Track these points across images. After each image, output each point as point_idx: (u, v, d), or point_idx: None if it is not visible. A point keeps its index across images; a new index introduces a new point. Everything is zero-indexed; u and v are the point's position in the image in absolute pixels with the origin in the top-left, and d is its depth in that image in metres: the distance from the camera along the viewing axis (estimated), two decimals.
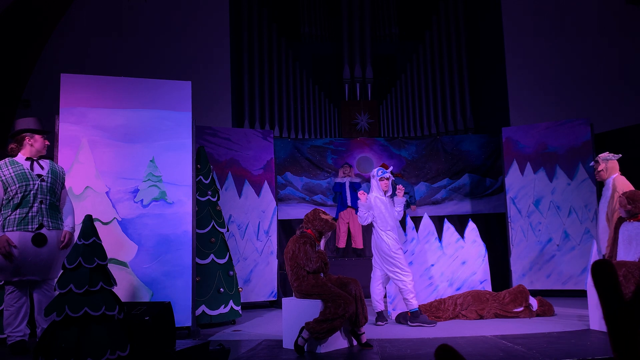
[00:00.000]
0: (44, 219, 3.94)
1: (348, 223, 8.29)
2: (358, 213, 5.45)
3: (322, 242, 4.41)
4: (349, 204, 8.24)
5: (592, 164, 5.29)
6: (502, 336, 4.44)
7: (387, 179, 5.46)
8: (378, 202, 5.36)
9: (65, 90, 4.80)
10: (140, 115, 4.98)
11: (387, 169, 5.53)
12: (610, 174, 5.06)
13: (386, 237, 5.29)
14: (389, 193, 5.47)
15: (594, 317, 4.58)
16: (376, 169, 5.53)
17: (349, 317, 4.05)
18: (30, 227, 3.88)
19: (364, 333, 4.21)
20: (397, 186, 5.58)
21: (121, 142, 4.89)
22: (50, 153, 4.29)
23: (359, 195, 5.44)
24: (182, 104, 5.10)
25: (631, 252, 4.42)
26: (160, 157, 4.96)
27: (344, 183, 8.32)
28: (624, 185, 4.89)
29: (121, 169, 4.85)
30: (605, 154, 5.11)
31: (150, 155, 4.94)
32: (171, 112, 5.06)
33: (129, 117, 4.94)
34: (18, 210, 3.89)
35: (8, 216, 3.88)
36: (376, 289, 5.41)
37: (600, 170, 5.10)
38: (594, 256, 4.92)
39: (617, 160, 5.10)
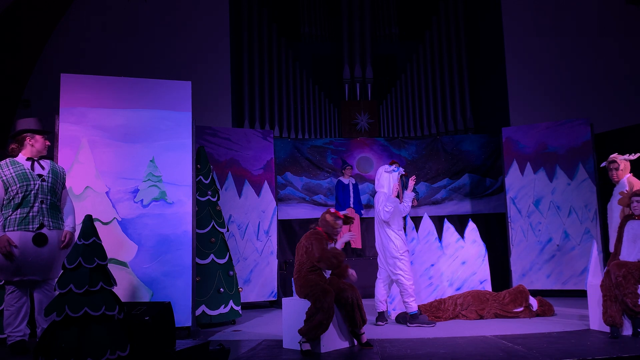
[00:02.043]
0: (45, 218, 3.94)
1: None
2: (384, 208, 5.18)
3: (339, 243, 4.39)
4: (351, 205, 8.24)
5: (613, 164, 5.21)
6: (502, 336, 4.44)
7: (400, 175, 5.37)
8: (392, 199, 5.28)
9: (65, 90, 4.80)
10: (140, 115, 4.98)
11: (399, 165, 5.45)
12: (625, 173, 5.08)
13: (395, 238, 5.21)
14: (396, 192, 5.36)
15: (594, 317, 4.58)
16: (393, 166, 5.38)
17: (329, 308, 3.97)
18: (31, 226, 3.88)
19: (364, 333, 4.21)
20: (410, 178, 5.42)
21: (121, 142, 4.89)
22: (50, 153, 4.29)
23: (410, 181, 5.27)
24: (182, 104, 5.10)
25: (634, 251, 4.41)
26: (160, 157, 4.96)
27: (348, 184, 8.33)
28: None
29: (121, 169, 4.85)
30: (619, 155, 5.12)
31: (150, 155, 4.94)
32: (171, 112, 5.06)
33: (129, 117, 4.94)
34: (19, 210, 3.89)
35: (9, 216, 3.88)
36: (381, 289, 5.39)
37: (621, 169, 5.09)
38: (594, 256, 4.92)
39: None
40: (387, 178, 5.35)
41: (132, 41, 9.16)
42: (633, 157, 5.07)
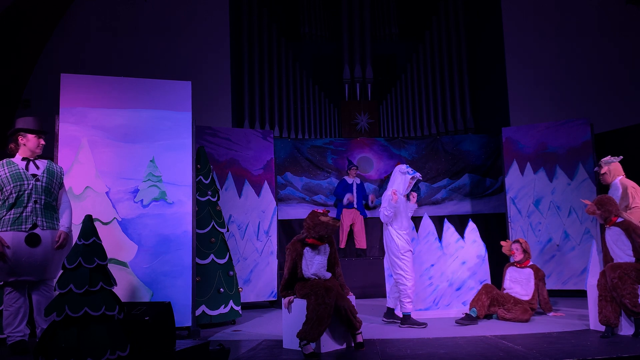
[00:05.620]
0: (38, 218, 3.93)
1: (352, 224, 8.28)
2: (384, 211, 5.17)
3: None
4: (355, 205, 8.23)
5: (596, 168, 5.29)
6: (502, 336, 4.44)
7: (413, 178, 5.30)
8: (393, 205, 5.22)
9: (65, 90, 4.80)
10: (140, 115, 4.98)
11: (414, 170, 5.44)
12: (615, 176, 5.08)
13: (397, 238, 5.20)
14: (405, 192, 5.31)
15: (594, 317, 4.58)
16: (406, 166, 5.32)
17: (330, 305, 3.97)
18: (23, 227, 3.87)
19: (360, 333, 4.18)
20: (412, 193, 5.39)
21: (121, 142, 4.90)
22: (50, 153, 4.28)
23: (392, 194, 5.11)
24: (182, 104, 5.10)
25: (622, 254, 4.43)
26: (160, 157, 4.97)
27: (352, 184, 8.33)
28: (634, 185, 4.92)
29: (121, 169, 4.85)
30: (607, 158, 5.14)
31: (150, 155, 4.94)
32: (171, 112, 5.06)
33: (129, 117, 4.94)
34: (12, 210, 3.89)
35: (3, 216, 3.88)
36: (392, 287, 5.41)
37: (604, 174, 5.12)
38: (594, 256, 4.92)
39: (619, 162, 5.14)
40: (399, 178, 5.29)
41: (132, 41, 9.16)
42: (615, 159, 5.11)
